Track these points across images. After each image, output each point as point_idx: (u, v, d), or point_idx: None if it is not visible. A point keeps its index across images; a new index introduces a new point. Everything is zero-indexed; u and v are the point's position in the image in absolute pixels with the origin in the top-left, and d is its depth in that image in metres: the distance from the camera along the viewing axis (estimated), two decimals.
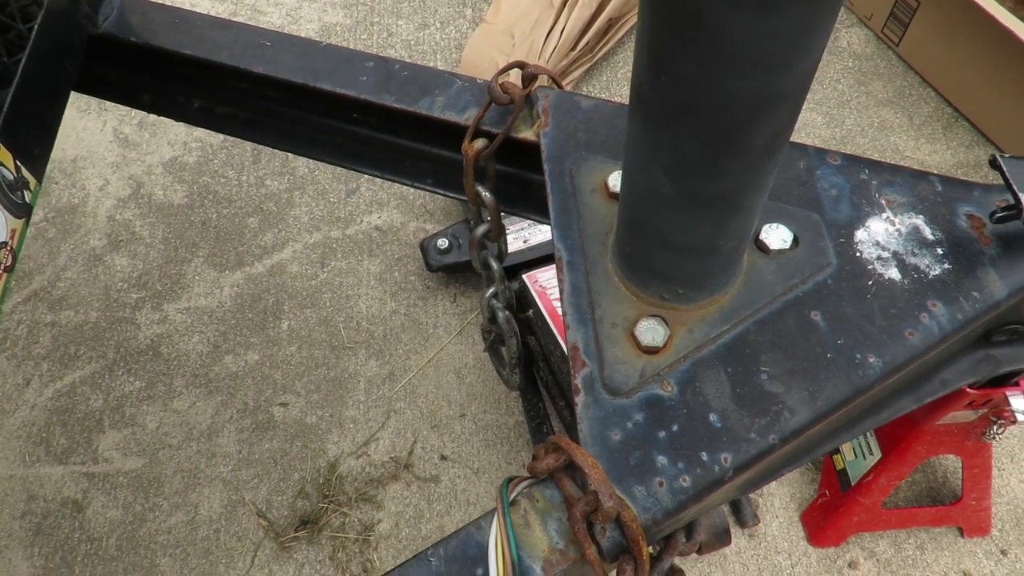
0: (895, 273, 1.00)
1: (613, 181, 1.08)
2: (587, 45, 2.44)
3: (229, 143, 2.44)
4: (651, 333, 0.95)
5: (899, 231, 1.03)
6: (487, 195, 1.21)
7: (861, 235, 1.03)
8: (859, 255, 1.01)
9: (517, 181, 1.29)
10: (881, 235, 1.03)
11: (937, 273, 0.99)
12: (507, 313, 1.40)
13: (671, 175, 0.81)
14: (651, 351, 0.95)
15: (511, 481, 0.88)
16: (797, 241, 1.02)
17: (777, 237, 1.02)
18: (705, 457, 0.88)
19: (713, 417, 0.91)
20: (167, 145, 2.46)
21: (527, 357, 1.89)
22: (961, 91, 2.43)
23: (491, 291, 1.38)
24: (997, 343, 1.09)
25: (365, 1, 2.77)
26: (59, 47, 1.24)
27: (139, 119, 2.51)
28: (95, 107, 2.54)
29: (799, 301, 0.98)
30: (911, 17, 2.46)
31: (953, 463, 1.84)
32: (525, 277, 1.76)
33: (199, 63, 1.32)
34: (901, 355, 0.94)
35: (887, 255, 1.01)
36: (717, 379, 0.93)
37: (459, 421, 1.95)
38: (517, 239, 2.00)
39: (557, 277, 1.02)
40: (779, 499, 1.82)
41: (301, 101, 1.35)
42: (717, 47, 0.64)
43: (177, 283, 2.19)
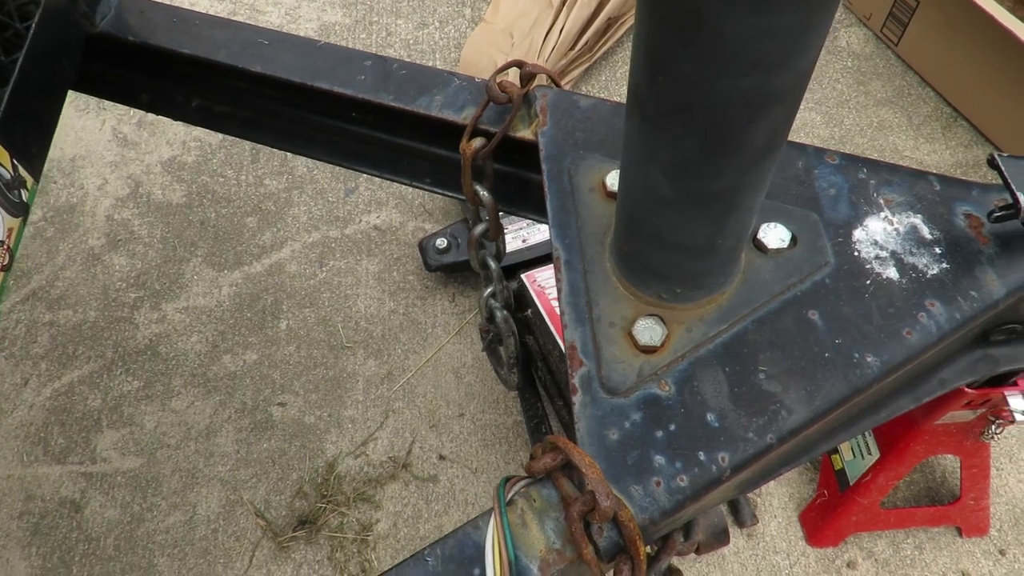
0: (893, 272, 1.00)
1: (611, 180, 1.07)
2: (586, 44, 2.44)
3: (228, 142, 2.44)
4: (649, 332, 0.95)
5: (897, 230, 1.03)
6: (485, 194, 1.20)
7: (859, 234, 1.03)
8: (857, 254, 1.01)
9: (515, 180, 1.29)
10: (879, 234, 1.03)
11: (935, 272, 0.99)
12: (505, 312, 1.39)
13: (669, 174, 0.81)
14: (649, 350, 0.95)
15: (508, 481, 0.88)
16: (795, 240, 1.02)
17: (775, 236, 1.02)
18: (703, 457, 0.88)
19: (711, 416, 0.91)
20: (166, 144, 2.46)
21: (525, 357, 1.89)
22: (960, 91, 2.43)
23: (489, 290, 1.38)
24: (995, 342, 1.09)
25: (364, 0, 2.77)
26: (57, 46, 1.24)
27: (138, 118, 2.51)
28: (94, 106, 2.54)
29: (797, 300, 0.98)
30: (910, 17, 2.46)
31: (951, 463, 1.84)
32: (523, 276, 1.76)
33: (197, 62, 1.32)
34: (899, 354, 0.94)
35: (885, 254, 1.01)
36: (715, 378, 0.93)
37: (457, 421, 1.95)
38: (515, 238, 1.99)
39: (555, 276, 1.02)
40: (777, 499, 1.82)
41: (299, 100, 1.35)
42: (715, 46, 0.64)
43: (175, 282, 2.19)
